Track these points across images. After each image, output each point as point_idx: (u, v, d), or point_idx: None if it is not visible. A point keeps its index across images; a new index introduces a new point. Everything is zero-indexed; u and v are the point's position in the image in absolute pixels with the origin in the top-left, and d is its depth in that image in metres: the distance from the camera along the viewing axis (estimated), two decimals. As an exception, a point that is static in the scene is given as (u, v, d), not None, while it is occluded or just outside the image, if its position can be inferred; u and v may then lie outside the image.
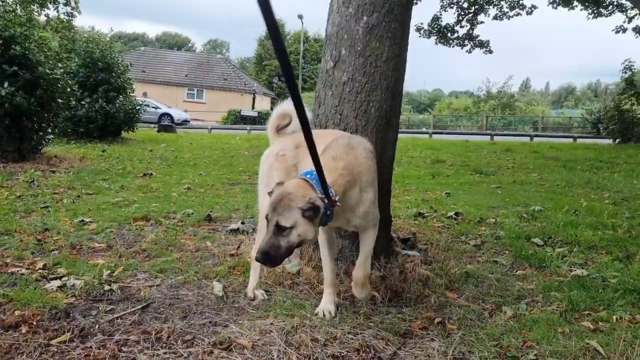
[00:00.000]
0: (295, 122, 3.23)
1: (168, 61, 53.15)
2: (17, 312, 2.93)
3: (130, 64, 16.10)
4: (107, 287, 3.38)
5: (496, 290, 3.54)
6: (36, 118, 8.37)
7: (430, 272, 3.77)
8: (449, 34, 18.96)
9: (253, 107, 47.74)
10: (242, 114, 42.97)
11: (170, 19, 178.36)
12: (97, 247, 4.35)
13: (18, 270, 3.61)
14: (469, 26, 18.74)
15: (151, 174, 8.95)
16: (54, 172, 8.11)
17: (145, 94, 37.20)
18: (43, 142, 8.87)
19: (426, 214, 5.90)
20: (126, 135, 15.47)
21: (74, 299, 3.18)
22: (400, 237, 4.53)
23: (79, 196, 6.62)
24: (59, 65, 8.92)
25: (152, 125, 24.20)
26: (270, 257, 2.52)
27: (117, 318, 2.93)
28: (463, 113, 52.69)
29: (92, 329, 2.76)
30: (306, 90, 55.38)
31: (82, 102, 13.31)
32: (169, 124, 25.34)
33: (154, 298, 3.24)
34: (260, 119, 42.55)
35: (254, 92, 50.55)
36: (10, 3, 12.78)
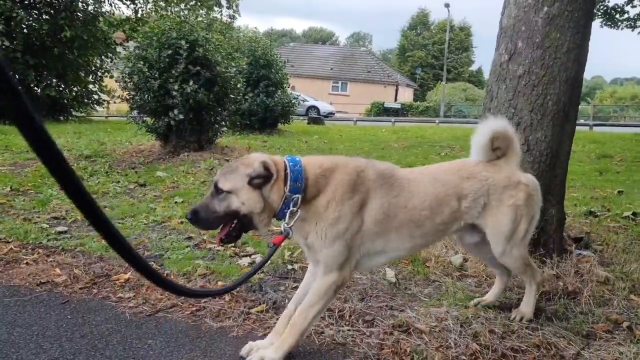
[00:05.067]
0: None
1: (314, 55, 55.30)
2: (220, 283, 3.42)
3: (287, 60, 17.06)
4: (289, 267, 3.76)
5: (691, 299, 3.24)
6: (213, 112, 9.40)
7: (610, 274, 3.56)
8: (617, 15, 16.94)
9: (396, 99, 47.69)
10: (385, 105, 43.25)
11: (315, 14, 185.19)
12: (275, 230, 4.80)
13: (214, 247, 4.17)
14: (643, 5, 16.57)
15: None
16: (227, 160, 9.01)
17: (293, 88, 39.17)
18: (218, 133, 9.94)
19: (598, 213, 5.50)
20: (282, 128, 16.50)
21: (263, 274, 3.60)
22: (571, 236, 4.32)
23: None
24: (232, 64, 9.87)
25: (301, 118, 25.38)
26: (199, 218, 2.30)
27: (303, 294, 3.26)
28: (630, 103, 47.04)
29: (282, 302, 3.12)
30: (450, 81, 53.76)
31: (246, 97, 14.49)
32: (318, 116, 26.42)
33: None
34: (403, 111, 42.43)
35: (397, 84, 50.45)
36: (188, 8, 14.30)
